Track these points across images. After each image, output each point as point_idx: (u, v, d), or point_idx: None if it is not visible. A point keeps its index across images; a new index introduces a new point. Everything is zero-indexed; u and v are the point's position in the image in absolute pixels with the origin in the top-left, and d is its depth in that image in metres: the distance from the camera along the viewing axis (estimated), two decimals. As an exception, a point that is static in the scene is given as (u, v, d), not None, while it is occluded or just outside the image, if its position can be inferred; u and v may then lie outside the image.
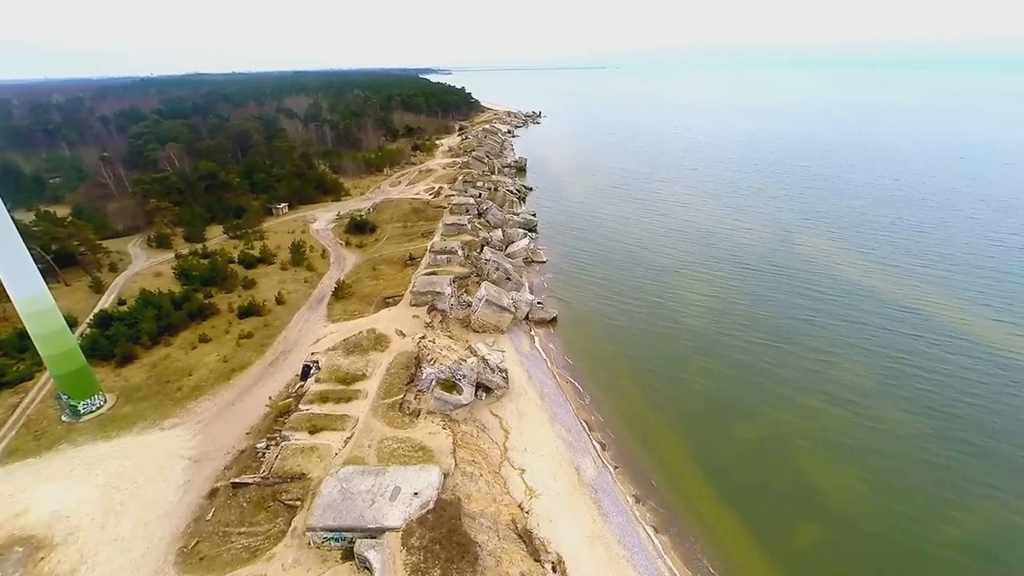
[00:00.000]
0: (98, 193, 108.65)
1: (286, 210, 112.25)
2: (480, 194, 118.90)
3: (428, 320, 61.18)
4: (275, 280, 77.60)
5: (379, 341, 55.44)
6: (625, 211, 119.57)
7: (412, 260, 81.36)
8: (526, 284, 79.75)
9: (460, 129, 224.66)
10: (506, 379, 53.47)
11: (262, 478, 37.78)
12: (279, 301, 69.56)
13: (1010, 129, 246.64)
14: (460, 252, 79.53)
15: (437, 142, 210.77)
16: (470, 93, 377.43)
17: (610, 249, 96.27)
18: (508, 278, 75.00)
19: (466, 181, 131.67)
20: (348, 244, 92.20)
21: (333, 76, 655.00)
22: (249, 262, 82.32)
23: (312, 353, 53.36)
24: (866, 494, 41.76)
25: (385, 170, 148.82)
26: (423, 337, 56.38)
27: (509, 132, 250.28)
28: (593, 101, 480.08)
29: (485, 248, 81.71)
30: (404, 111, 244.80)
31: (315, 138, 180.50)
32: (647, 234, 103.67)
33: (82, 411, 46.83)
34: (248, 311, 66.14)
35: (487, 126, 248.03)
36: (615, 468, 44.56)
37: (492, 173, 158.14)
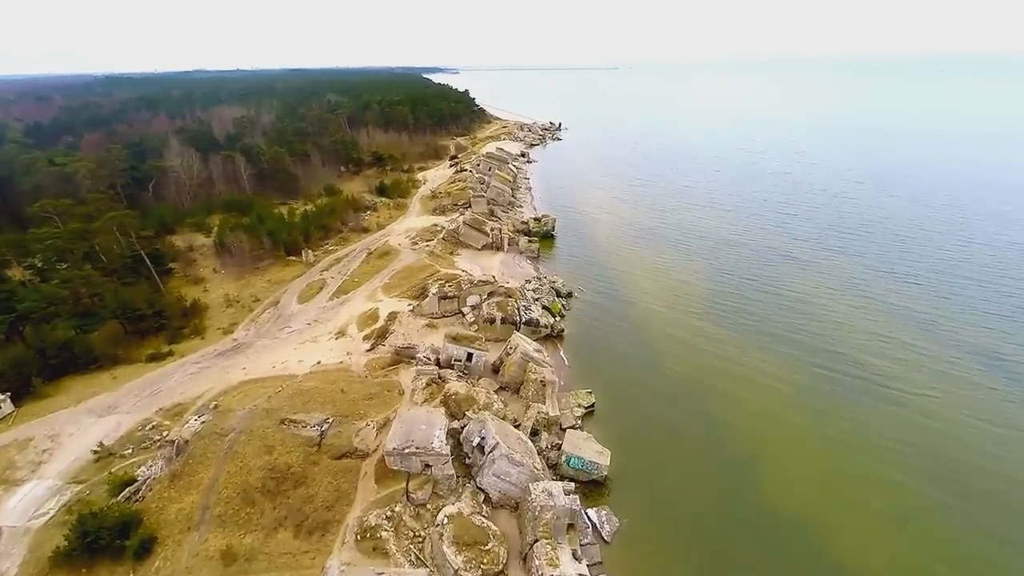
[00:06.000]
0: None
1: (5, 408, 47.46)
2: (470, 354, 53.57)
3: None
4: None
5: None
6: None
7: None
8: None
9: (453, 160, 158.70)
10: None
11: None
12: None
13: None
14: None
15: (419, 176, 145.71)
16: (474, 98, 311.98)
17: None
18: None
19: (445, 297, 66.27)
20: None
21: (325, 75, 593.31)
22: None
23: None
24: None
25: (306, 253, 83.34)
26: None
27: (523, 156, 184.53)
28: (616, 106, 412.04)
29: None
30: (375, 127, 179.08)
31: (223, 177, 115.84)
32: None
33: None
34: None
35: (493, 147, 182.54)
36: None
37: (499, 250, 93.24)
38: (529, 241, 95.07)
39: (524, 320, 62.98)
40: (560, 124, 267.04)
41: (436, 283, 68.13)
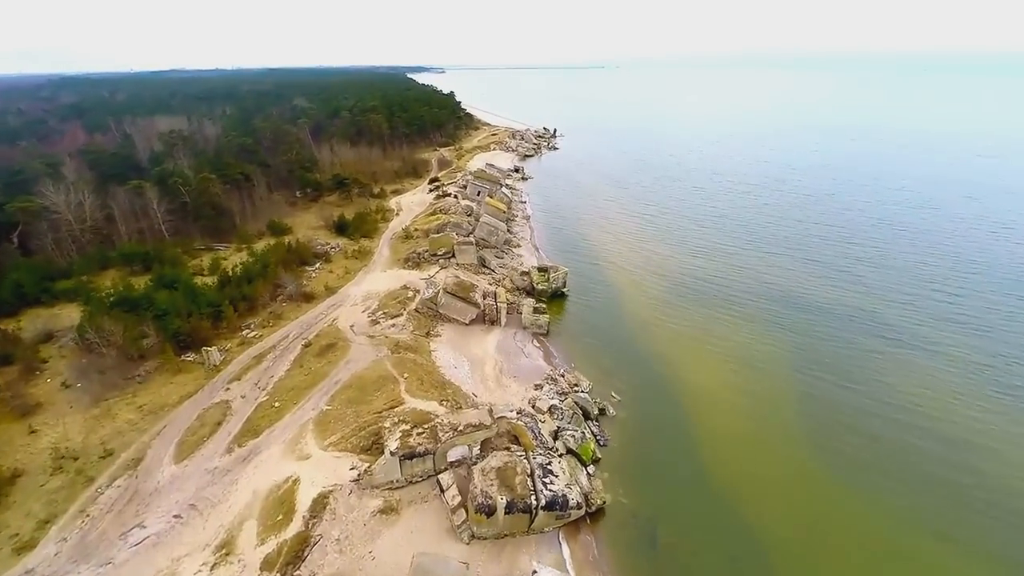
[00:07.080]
0: None
1: None
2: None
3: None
4: None
5: None
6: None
7: None
8: None
9: (433, 183, 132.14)
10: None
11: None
12: None
13: None
14: None
15: (391, 203, 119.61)
16: (460, 102, 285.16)
17: None
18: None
19: (412, 456, 40.47)
20: None
21: (303, 74, 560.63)
22: None
23: None
24: None
25: (208, 353, 56.63)
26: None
27: (516, 171, 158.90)
28: (610, 108, 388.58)
29: None
30: (342, 141, 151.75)
31: (133, 215, 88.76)
32: None
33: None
34: None
35: (481, 162, 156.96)
36: None
37: (494, 325, 68.04)
38: (535, 310, 69.72)
39: (544, 503, 37.76)
40: (555, 131, 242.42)
41: (398, 429, 42.36)
